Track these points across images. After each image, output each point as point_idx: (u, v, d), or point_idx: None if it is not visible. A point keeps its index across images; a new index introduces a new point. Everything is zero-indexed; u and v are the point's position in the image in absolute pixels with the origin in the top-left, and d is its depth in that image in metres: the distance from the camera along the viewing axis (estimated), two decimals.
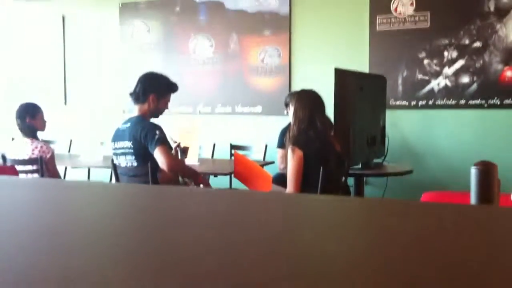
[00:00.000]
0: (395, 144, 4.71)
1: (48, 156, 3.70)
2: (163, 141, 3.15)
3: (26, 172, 3.65)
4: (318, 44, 5.19)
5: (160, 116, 3.43)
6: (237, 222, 0.81)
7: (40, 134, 3.91)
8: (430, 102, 4.82)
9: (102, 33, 6.07)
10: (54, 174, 3.76)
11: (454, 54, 4.72)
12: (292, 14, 5.27)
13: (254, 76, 5.44)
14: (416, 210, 0.88)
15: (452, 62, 4.73)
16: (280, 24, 5.32)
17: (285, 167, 3.54)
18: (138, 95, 3.30)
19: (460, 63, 4.71)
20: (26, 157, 3.67)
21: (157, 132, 3.15)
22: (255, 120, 5.46)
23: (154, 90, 3.29)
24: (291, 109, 3.45)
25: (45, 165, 3.67)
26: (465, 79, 4.71)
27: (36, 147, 3.70)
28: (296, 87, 4.82)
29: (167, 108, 3.41)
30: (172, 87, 3.39)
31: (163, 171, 3.17)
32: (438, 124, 4.85)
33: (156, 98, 3.29)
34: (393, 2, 4.90)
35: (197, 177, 3.34)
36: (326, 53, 5.13)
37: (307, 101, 3.32)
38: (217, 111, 5.59)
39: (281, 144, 4.13)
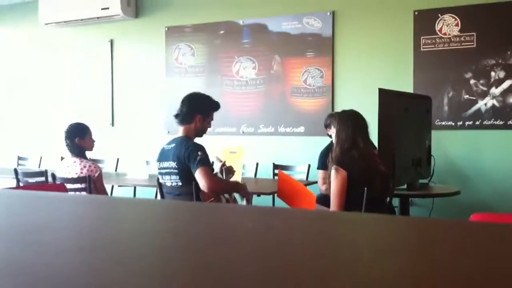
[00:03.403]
0: (441, 165, 4.62)
1: (96, 175, 3.79)
2: (204, 162, 3.17)
3: (74, 190, 3.73)
4: (361, 65, 5.17)
5: (205, 136, 3.47)
6: (287, 240, 0.81)
7: (88, 154, 4.00)
8: (477, 123, 4.71)
9: (148, 56, 6.23)
10: (102, 192, 3.84)
11: (502, 74, 4.62)
12: (335, 35, 5.28)
13: (296, 97, 5.46)
14: (477, 230, 0.87)
15: (499, 82, 4.63)
16: (323, 46, 5.33)
17: (327, 189, 3.50)
18: (184, 117, 3.35)
19: (508, 83, 4.60)
20: (75, 176, 3.77)
21: (199, 153, 3.17)
22: (298, 141, 5.46)
23: (200, 110, 3.35)
24: (333, 130, 3.43)
25: (93, 184, 3.75)
26: None
27: (85, 166, 3.80)
28: (339, 107, 4.80)
29: (210, 126, 3.46)
30: (215, 106, 3.43)
31: (204, 191, 3.19)
32: (485, 144, 4.73)
33: (202, 118, 3.35)
34: (438, 23, 4.85)
35: (238, 189, 3.37)
36: (370, 74, 5.11)
37: (349, 121, 3.29)
38: (260, 131, 5.62)
39: (321, 166, 4.10)
